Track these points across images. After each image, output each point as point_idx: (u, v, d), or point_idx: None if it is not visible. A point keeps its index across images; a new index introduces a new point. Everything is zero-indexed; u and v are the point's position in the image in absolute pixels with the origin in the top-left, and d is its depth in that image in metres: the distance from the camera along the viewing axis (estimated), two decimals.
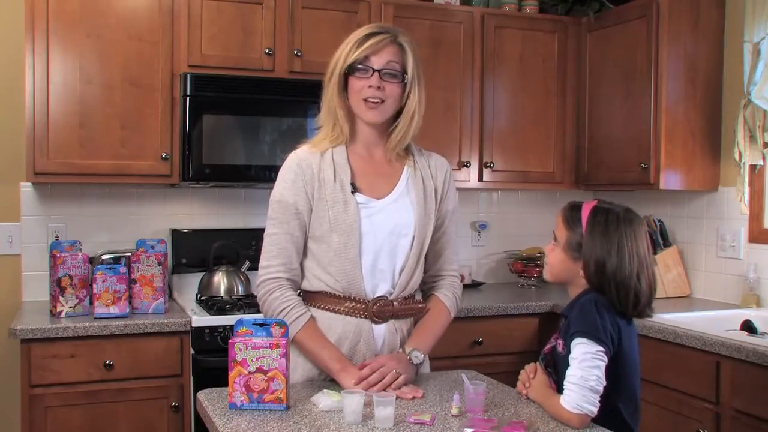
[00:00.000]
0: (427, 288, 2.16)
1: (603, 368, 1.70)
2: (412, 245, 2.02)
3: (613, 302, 1.77)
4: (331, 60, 2.01)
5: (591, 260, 1.79)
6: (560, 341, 1.83)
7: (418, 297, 2.13)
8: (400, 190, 2.04)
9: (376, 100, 1.96)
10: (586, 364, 1.69)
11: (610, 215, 1.81)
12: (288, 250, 1.99)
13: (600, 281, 1.79)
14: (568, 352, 1.75)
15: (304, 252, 2.03)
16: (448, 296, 2.12)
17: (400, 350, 1.98)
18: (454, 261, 2.16)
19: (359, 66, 1.95)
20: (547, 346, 1.91)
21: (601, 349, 1.70)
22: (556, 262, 1.88)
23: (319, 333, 1.97)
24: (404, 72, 1.98)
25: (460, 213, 3.50)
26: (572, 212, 1.86)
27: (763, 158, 3.25)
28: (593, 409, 1.67)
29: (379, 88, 1.95)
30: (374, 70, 1.95)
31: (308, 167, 1.99)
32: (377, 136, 2.05)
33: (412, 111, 2.00)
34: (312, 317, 1.98)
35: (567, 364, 1.74)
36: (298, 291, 2.05)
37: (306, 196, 1.98)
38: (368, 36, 1.96)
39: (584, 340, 1.71)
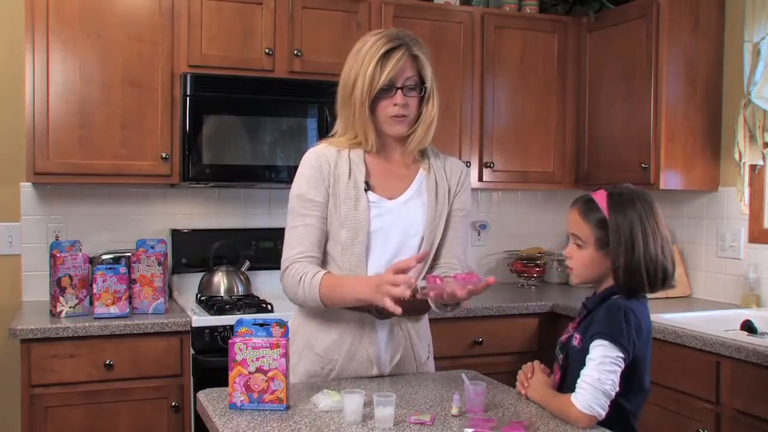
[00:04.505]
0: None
1: (619, 374, 1.70)
2: (421, 246, 2.03)
3: (643, 285, 1.76)
4: (347, 74, 1.99)
5: (620, 245, 1.76)
6: (577, 335, 1.82)
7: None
8: (412, 191, 2.07)
9: (401, 116, 2.00)
10: (604, 368, 1.69)
11: (625, 197, 1.80)
12: (308, 240, 2.00)
13: (629, 268, 1.75)
14: (584, 348, 1.74)
15: None
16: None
17: None
18: (458, 256, 2.12)
19: (385, 88, 1.97)
20: (564, 336, 1.89)
21: (621, 355, 1.70)
22: (585, 262, 1.84)
23: (336, 281, 1.93)
24: (423, 82, 2.01)
25: None
26: (588, 206, 1.83)
27: (763, 158, 3.25)
28: (602, 412, 1.68)
29: (404, 105, 1.98)
30: (397, 88, 1.98)
31: (326, 162, 2.02)
32: (396, 142, 2.08)
33: (431, 118, 2.04)
34: (328, 272, 1.96)
35: (580, 360, 1.74)
36: None
37: (325, 190, 2.00)
38: (387, 54, 1.95)
39: (606, 342, 1.71)
